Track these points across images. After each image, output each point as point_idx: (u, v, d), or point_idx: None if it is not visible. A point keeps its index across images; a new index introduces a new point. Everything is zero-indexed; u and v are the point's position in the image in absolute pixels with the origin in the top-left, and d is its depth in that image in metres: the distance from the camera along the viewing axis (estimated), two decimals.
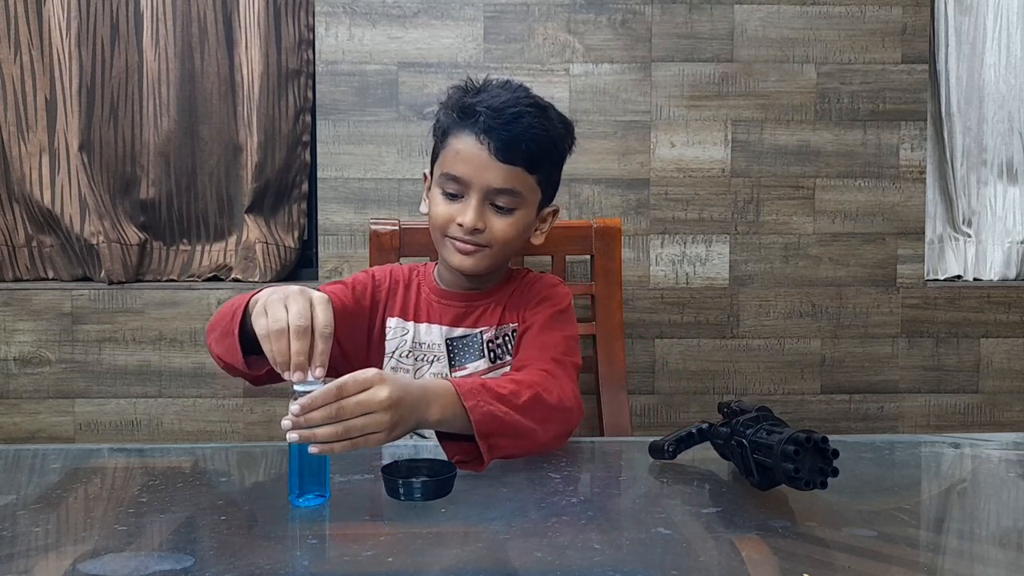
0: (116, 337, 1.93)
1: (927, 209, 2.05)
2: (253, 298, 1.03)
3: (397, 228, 1.60)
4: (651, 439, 1.09)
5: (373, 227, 1.61)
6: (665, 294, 1.98)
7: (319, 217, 1.95)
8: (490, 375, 1.27)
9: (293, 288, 0.96)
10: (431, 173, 1.29)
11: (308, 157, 2.02)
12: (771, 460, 0.88)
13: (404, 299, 1.32)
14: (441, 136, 1.25)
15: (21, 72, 1.95)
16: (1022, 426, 2.01)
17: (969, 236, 2.10)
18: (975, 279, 2.10)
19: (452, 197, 1.22)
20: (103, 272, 1.94)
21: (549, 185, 1.28)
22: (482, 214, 1.21)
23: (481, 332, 1.29)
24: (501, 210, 1.22)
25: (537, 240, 1.32)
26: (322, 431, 0.86)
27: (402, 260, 1.59)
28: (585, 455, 1.16)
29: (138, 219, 2.01)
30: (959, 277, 2.10)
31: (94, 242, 1.94)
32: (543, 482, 1.00)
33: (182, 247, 2.04)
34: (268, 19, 1.93)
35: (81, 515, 0.91)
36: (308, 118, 2.01)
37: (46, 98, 1.96)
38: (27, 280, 2.01)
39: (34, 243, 2.01)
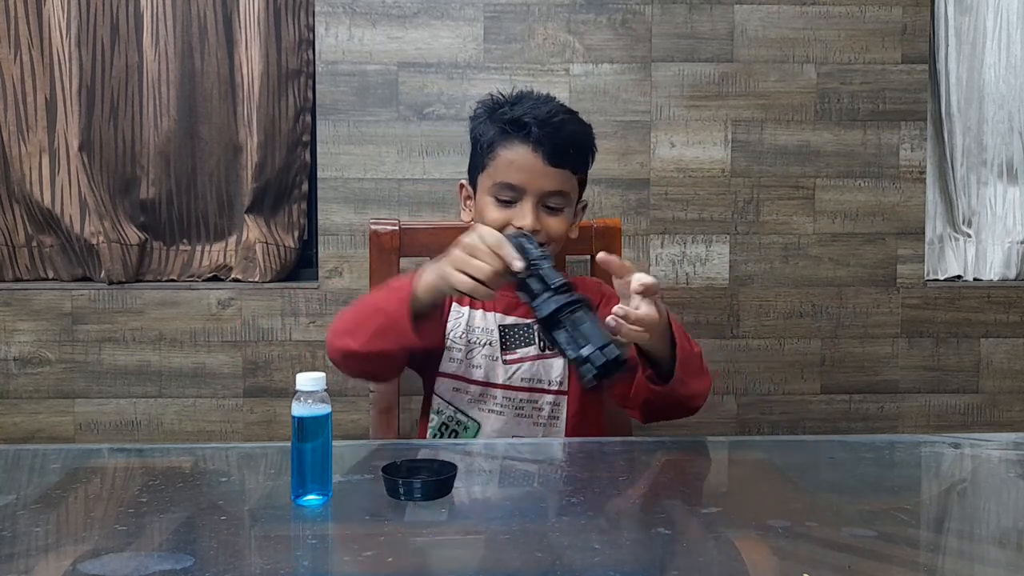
0: (116, 337, 1.93)
1: (927, 209, 2.05)
2: (417, 279, 1.20)
3: (397, 228, 1.60)
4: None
5: (373, 227, 1.61)
6: (665, 294, 1.97)
7: (319, 217, 1.95)
8: (539, 363, 1.38)
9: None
10: (472, 184, 1.40)
11: (308, 157, 2.02)
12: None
13: None
14: (487, 148, 1.34)
15: (21, 72, 1.95)
16: (1022, 426, 2.01)
17: (969, 236, 2.10)
18: (975, 279, 2.10)
19: (505, 204, 1.32)
20: (103, 272, 1.94)
21: (582, 184, 1.42)
22: (538, 216, 1.31)
23: (533, 324, 1.38)
24: (552, 210, 1.33)
25: (573, 234, 1.42)
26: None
27: (402, 261, 1.59)
28: (585, 455, 1.16)
29: (138, 219, 2.01)
30: (959, 277, 2.10)
31: (94, 242, 1.94)
32: (543, 482, 1.00)
33: (182, 247, 2.03)
34: (268, 19, 1.93)
35: (81, 515, 0.91)
36: (308, 118, 2.01)
37: (46, 98, 1.96)
38: (27, 280, 2.00)
39: (34, 243, 2.01)
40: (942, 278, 2.10)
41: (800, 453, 1.20)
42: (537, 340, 1.39)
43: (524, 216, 1.30)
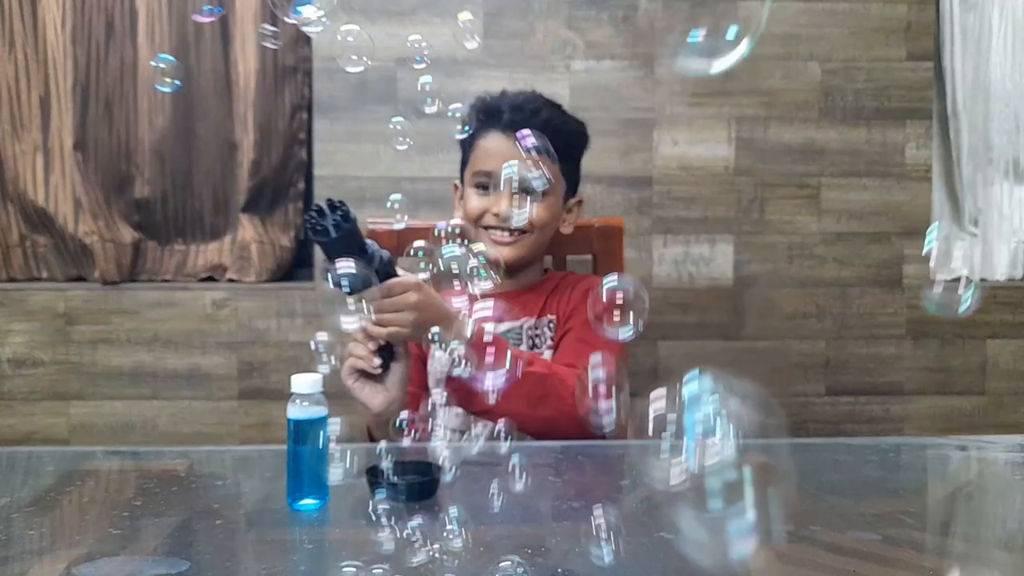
0: (110, 338, 1.92)
1: (933, 208, 2.04)
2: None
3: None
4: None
5: (371, 226, 1.59)
6: (668, 294, 1.97)
7: None
8: None
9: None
10: (462, 181, 1.39)
11: (305, 155, 2.01)
12: None
13: None
14: (469, 143, 1.36)
15: (15, 70, 1.94)
16: None
17: (975, 235, 2.08)
18: (981, 279, 2.08)
19: (485, 190, 1.32)
20: (97, 272, 1.93)
21: (571, 176, 1.40)
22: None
23: (523, 324, 1.36)
24: None
25: (567, 229, 1.42)
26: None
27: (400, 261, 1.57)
28: (586, 458, 1.15)
29: (133, 218, 2.00)
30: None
31: (88, 242, 1.92)
32: (543, 485, 0.99)
33: (177, 247, 2.02)
34: (263, 15, 1.92)
35: (75, 518, 0.91)
36: (305, 115, 2.00)
37: (40, 96, 1.95)
38: (21, 280, 1.99)
39: (28, 243, 1.99)
40: (948, 278, 2.09)
41: (804, 456, 1.19)
42: (526, 340, 1.34)
43: (499, 201, 1.29)
